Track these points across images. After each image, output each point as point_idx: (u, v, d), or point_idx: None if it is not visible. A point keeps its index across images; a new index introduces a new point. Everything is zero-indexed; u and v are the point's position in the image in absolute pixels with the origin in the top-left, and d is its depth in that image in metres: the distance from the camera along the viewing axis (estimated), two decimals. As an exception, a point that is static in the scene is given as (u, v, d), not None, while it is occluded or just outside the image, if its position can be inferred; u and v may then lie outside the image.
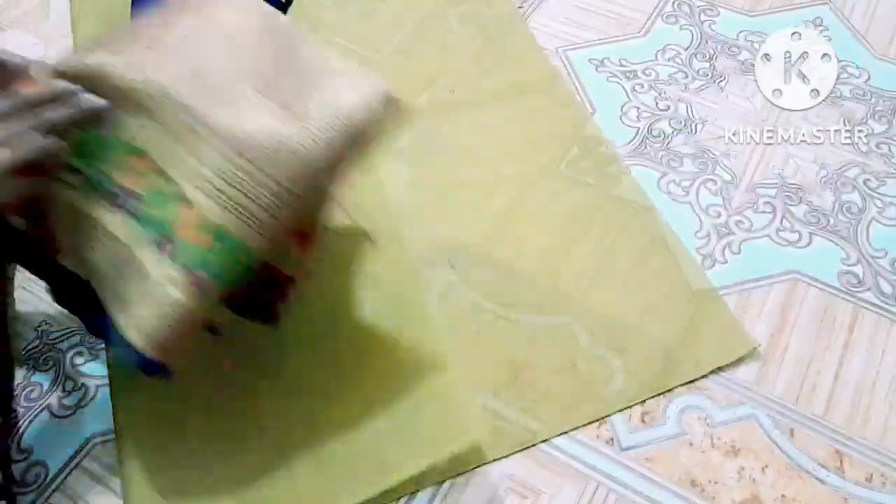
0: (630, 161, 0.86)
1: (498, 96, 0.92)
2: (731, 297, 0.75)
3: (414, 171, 0.85)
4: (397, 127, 0.57)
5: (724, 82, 0.95)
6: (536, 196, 0.82)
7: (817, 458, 0.65)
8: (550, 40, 1.00)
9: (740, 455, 0.65)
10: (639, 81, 0.95)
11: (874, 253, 0.78)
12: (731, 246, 0.79)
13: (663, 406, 0.68)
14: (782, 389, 0.69)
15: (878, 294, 0.75)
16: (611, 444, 0.66)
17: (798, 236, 0.80)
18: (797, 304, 0.74)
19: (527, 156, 0.86)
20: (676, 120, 0.91)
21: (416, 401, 0.67)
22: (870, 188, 0.84)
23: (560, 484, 0.63)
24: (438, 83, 0.94)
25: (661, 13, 1.04)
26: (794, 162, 0.87)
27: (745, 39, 1.00)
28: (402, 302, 0.74)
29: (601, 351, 0.70)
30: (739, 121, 0.91)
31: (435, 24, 1.01)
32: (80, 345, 0.72)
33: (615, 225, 0.80)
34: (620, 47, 0.99)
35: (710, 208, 0.82)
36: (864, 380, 0.70)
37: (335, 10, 1.04)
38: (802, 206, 0.82)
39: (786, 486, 0.63)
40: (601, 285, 0.75)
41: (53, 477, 0.64)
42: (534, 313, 0.73)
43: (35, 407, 0.68)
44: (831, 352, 0.71)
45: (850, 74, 0.95)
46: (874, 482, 0.64)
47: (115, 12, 1.01)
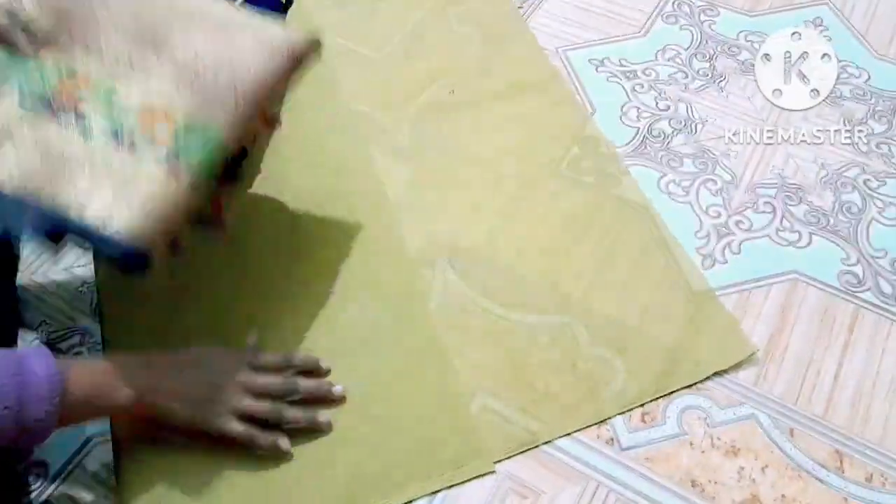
0: (630, 161, 0.86)
1: (498, 96, 0.92)
2: (731, 297, 0.75)
3: (414, 171, 0.85)
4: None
5: (724, 82, 0.95)
6: (536, 196, 0.82)
7: (817, 458, 0.65)
8: (550, 40, 1.00)
9: (740, 455, 0.65)
10: (639, 81, 0.95)
11: (874, 253, 0.78)
12: (731, 246, 0.79)
13: (663, 406, 0.68)
14: (782, 389, 0.69)
15: (878, 294, 0.75)
16: (611, 444, 0.66)
17: (798, 236, 0.80)
18: (797, 304, 0.75)
19: (527, 156, 0.86)
20: (676, 120, 0.91)
21: (415, 401, 0.67)
22: (870, 188, 0.84)
23: (560, 484, 0.63)
24: (438, 83, 0.94)
25: (661, 13, 1.04)
26: (794, 162, 0.87)
27: (745, 39, 1.00)
28: (402, 302, 0.74)
29: (601, 351, 0.70)
30: (739, 121, 0.91)
31: (435, 24, 1.02)
32: (80, 345, 0.72)
33: (615, 225, 0.80)
34: (620, 47, 0.99)
35: (710, 208, 0.82)
36: (864, 380, 0.70)
37: (336, 10, 1.04)
38: (802, 206, 0.82)
39: (786, 486, 0.63)
40: (601, 285, 0.75)
41: (53, 477, 0.64)
42: (534, 313, 0.73)
43: (35, 407, 0.68)
44: (831, 352, 0.71)
45: (850, 74, 0.95)
46: (874, 482, 0.64)
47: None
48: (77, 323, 0.74)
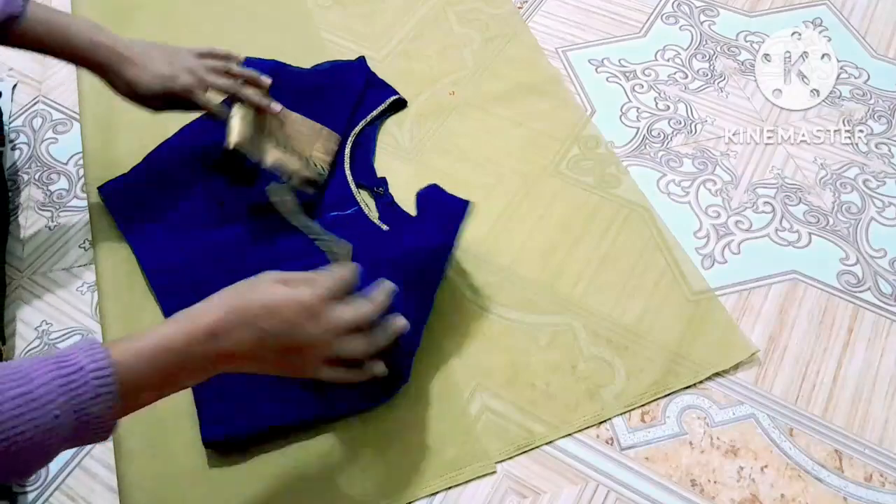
0: (629, 161, 0.86)
1: (498, 96, 0.92)
2: (731, 297, 0.75)
3: (414, 171, 0.85)
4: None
5: (724, 82, 0.95)
6: (536, 196, 0.82)
7: (817, 458, 0.65)
8: (550, 40, 1.00)
9: (740, 455, 0.65)
10: (638, 82, 0.95)
11: (873, 253, 0.78)
12: (731, 246, 0.79)
13: (663, 406, 0.68)
14: (781, 389, 0.69)
15: (878, 294, 0.75)
16: (611, 443, 0.66)
17: (797, 236, 0.80)
18: (796, 304, 0.75)
19: (527, 156, 0.86)
20: (676, 120, 0.91)
21: (415, 401, 0.67)
22: (869, 188, 0.84)
23: (560, 484, 0.63)
24: (438, 83, 0.94)
25: (661, 13, 1.04)
26: (794, 162, 0.87)
27: (744, 40, 1.00)
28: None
29: (601, 351, 0.70)
30: (739, 121, 0.91)
31: (435, 24, 1.02)
32: (80, 345, 0.72)
33: (615, 225, 0.80)
34: (620, 47, 0.99)
35: (710, 208, 0.82)
36: (863, 380, 0.70)
37: (336, 10, 1.04)
38: (802, 206, 0.82)
39: (785, 485, 0.63)
40: (601, 285, 0.75)
41: (53, 477, 0.64)
42: (533, 313, 0.73)
43: (35, 407, 0.68)
44: (831, 352, 0.71)
45: (849, 74, 0.96)
46: (874, 482, 0.64)
47: (115, 12, 1.02)
48: (77, 323, 0.74)
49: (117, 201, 0.79)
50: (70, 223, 0.81)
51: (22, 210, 0.83)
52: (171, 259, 0.74)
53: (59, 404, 0.43)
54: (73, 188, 0.85)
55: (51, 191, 0.85)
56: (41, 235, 0.81)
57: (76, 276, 0.77)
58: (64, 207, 0.83)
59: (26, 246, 0.80)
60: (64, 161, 0.87)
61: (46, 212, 0.83)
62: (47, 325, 0.74)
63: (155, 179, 0.80)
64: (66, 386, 0.43)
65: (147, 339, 0.48)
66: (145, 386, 0.47)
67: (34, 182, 0.85)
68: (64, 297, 0.76)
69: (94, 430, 0.45)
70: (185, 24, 1.01)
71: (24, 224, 0.82)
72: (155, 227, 0.77)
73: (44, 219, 0.82)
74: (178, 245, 0.75)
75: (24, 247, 0.80)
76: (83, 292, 0.76)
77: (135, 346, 0.47)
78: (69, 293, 0.76)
